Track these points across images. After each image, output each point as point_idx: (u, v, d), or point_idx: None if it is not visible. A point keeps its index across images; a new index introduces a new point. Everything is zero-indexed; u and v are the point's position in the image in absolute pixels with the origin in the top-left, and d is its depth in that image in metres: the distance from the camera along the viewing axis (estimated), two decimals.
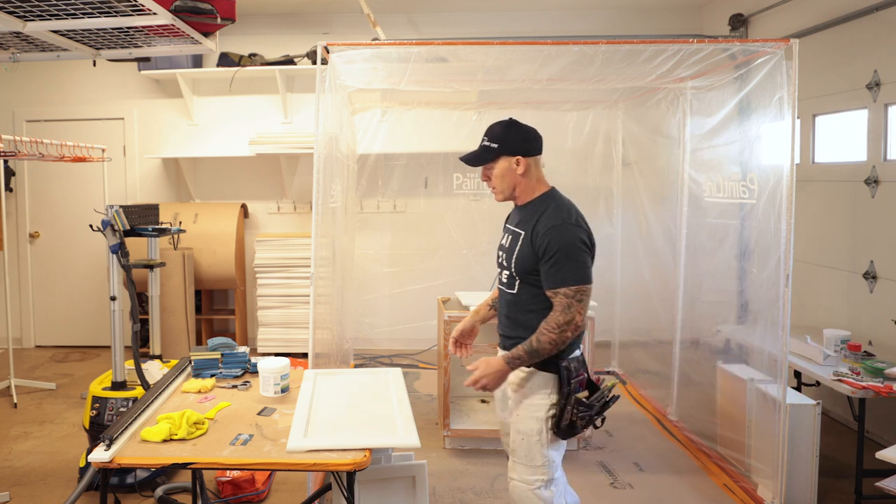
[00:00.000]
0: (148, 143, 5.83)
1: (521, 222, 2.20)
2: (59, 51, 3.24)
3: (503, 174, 2.19)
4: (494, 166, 2.20)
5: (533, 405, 2.16)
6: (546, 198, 2.20)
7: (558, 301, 2.04)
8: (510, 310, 2.23)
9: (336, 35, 5.63)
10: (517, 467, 2.21)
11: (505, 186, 2.21)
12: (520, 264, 2.15)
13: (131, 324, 3.19)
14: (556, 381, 2.15)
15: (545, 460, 2.16)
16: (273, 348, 5.33)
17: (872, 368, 3.06)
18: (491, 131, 2.22)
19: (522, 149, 2.18)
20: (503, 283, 2.26)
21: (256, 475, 3.16)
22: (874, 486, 2.30)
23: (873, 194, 3.77)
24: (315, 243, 3.00)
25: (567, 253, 2.04)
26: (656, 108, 4.34)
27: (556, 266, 2.04)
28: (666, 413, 4.19)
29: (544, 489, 2.17)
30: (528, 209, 2.21)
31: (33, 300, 5.92)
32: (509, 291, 2.22)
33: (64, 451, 3.72)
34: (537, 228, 2.11)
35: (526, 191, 2.22)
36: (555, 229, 2.07)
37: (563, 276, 2.04)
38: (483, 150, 2.21)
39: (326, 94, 3.09)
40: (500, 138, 2.18)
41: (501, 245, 2.28)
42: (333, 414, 2.15)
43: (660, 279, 4.41)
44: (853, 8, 3.81)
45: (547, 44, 3.05)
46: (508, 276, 2.21)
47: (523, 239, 2.15)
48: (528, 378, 2.19)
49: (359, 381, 2.50)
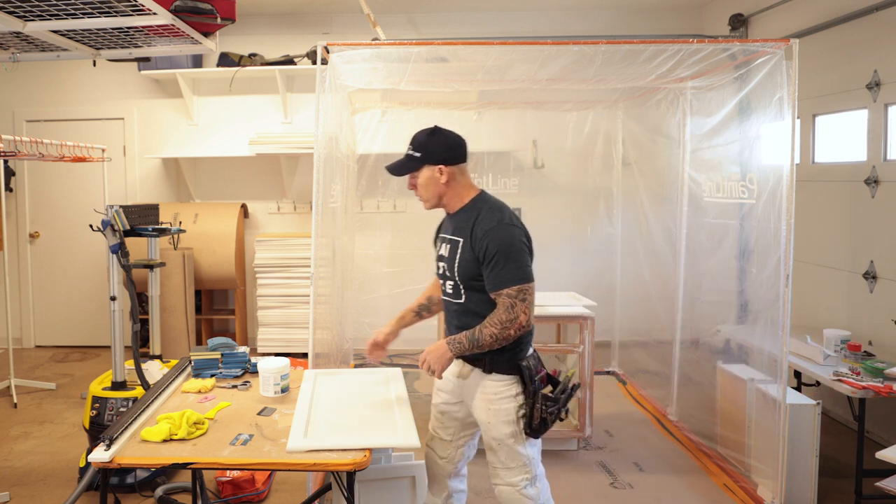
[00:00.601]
0: (148, 143, 5.83)
1: (456, 230, 2.18)
2: (59, 51, 3.24)
3: (427, 183, 2.18)
4: (419, 175, 2.19)
5: (502, 410, 2.16)
6: (477, 202, 2.19)
7: (502, 301, 2.05)
8: (460, 319, 2.20)
9: (336, 35, 5.63)
10: (499, 472, 2.20)
11: (431, 195, 2.20)
12: (463, 272, 2.14)
13: (131, 324, 3.18)
14: (519, 381, 2.15)
15: (525, 458, 2.18)
16: (273, 348, 5.33)
17: (872, 368, 3.06)
18: (415, 140, 2.20)
19: (444, 157, 2.16)
20: (448, 294, 2.23)
21: (256, 475, 3.16)
22: (874, 486, 2.30)
23: (873, 194, 3.77)
24: (315, 243, 3.00)
25: (506, 254, 2.04)
26: (656, 108, 4.34)
27: (496, 268, 2.05)
28: (666, 413, 4.19)
29: (530, 487, 2.19)
30: (461, 216, 2.19)
31: (33, 300, 5.92)
32: (456, 301, 2.20)
33: (64, 451, 3.72)
34: (475, 233, 2.10)
35: (454, 199, 2.20)
36: (492, 231, 2.07)
37: (505, 277, 2.04)
38: (407, 158, 2.20)
39: (326, 94, 3.09)
40: (422, 147, 2.17)
41: (440, 255, 2.25)
42: (333, 414, 2.15)
43: (660, 279, 4.41)
44: (853, 8, 3.81)
45: (547, 44, 3.05)
46: (453, 285, 2.18)
47: (462, 245, 2.14)
48: (489, 384, 2.17)
49: (359, 381, 2.50)
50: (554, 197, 5.52)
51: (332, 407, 2.22)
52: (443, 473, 2.37)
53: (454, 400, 2.31)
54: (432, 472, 2.40)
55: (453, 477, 2.39)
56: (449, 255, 2.18)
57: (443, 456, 2.36)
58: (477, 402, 2.21)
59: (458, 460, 2.37)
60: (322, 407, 2.21)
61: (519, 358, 2.15)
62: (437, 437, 2.38)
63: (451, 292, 2.21)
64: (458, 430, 2.35)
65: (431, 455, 2.39)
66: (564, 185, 5.48)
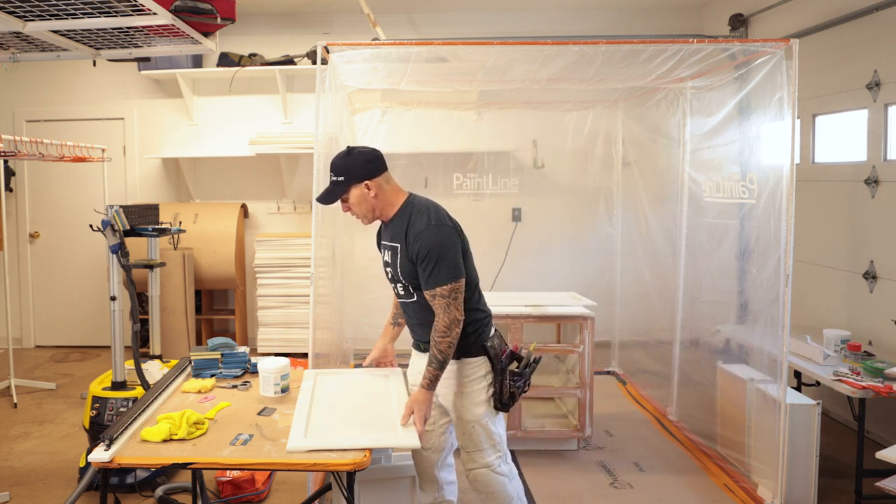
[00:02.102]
0: (148, 143, 5.83)
1: (394, 236, 2.27)
2: (59, 51, 3.24)
3: (359, 201, 2.25)
4: (349, 197, 2.25)
5: (473, 392, 2.28)
6: (407, 206, 2.27)
7: (437, 304, 2.15)
8: (419, 315, 2.30)
9: (336, 35, 5.62)
10: (472, 456, 2.31)
11: (366, 211, 2.27)
12: (405, 274, 2.24)
13: (131, 324, 3.19)
14: (487, 362, 2.28)
15: (497, 438, 2.31)
16: (273, 348, 5.33)
17: (872, 368, 3.06)
18: (334, 166, 2.27)
19: (366, 172, 2.23)
20: (401, 296, 2.34)
21: (256, 475, 3.16)
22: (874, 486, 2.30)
23: (873, 194, 3.77)
24: (315, 243, 3.00)
25: (438, 254, 2.14)
26: (656, 108, 4.34)
27: (427, 269, 2.15)
28: (666, 413, 4.19)
29: (503, 464, 2.32)
30: (396, 222, 2.28)
31: (33, 300, 5.92)
32: (410, 300, 2.30)
33: (64, 451, 3.72)
34: (408, 237, 2.20)
35: (386, 207, 2.28)
36: (422, 234, 2.16)
37: (437, 278, 2.14)
38: (333, 185, 2.26)
39: (326, 94, 3.09)
40: (343, 170, 2.23)
41: (385, 261, 2.34)
42: (333, 414, 2.15)
43: (660, 279, 4.41)
44: (853, 8, 3.81)
45: (547, 44, 3.05)
46: (403, 286, 2.29)
47: (401, 251, 2.23)
48: (459, 369, 2.28)
49: (359, 380, 2.50)
50: (554, 197, 5.52)
51: (332, 406, 2.22)
52: (429, 464, 2.43)
53: None
54: (420, 466, 2.44)
55: (441, 467, 2.45)
56: (391, 261, 2.29)
57: (427, 447, 2.41)
58: (447, 388, 2.31)
59: (442, 448, 2.44)
60: (322, 407, 2.21)
61: (483, 339, 2.29)
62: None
63: (403, 293, 2.32)
64: (437, 418, 2.42)
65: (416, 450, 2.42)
66: (564, 185, 5.47)
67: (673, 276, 4.17)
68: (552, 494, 3.17)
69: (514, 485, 2.36)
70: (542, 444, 3.64)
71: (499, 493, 2.31)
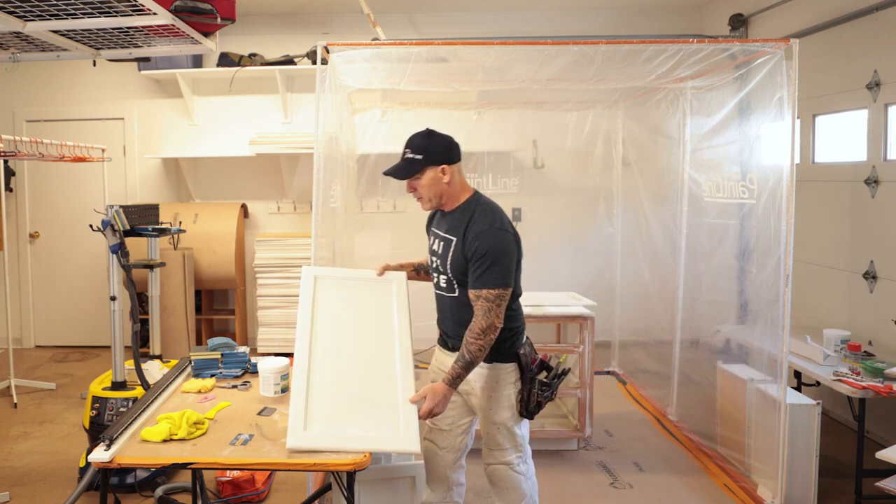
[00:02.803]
0: (148, 143, 5.83)
1: (451, 228, 2.25)
2: (59, 51, 3.24)
3: (430, 184, 2.23)
4: (422, 177, 2.23)
5: (502, 397, 2.28)
6: (472, 202, 2.26)
7: (479, 305, 2.12)
8: (454, 311, 2.28)
9: (336, 35, 5.63)
10: (494, 454, 2.33)
11: (433, 195, 2.25)
12: (455, 270, 2.22)
13: (131, 324, 3.19)
14: (517, 369, 2.28)
15: (520, 439, 2.33)
16: (273, 348, 5.33)
17: (872, 368, 3.06)
18: (413, 143, 2.25)
19: (446, 157, 2.22)
20: (442, 288, 2.32)
21: (256, 475, 3.16)
22: (874, 486, 2.30)
23: (873, 194, 3.77)
24: (315, 243, 3.00)
25: (494, 258, 2.12)
26: (656, 108, 4.34)
27: (480, 269, 2.12)
28: (666, 413, 4.19)
29: (522, 464, 2.35)
30: (456, 215, 2.26)
31: (33, 300, 5.92)
32: (450, 295, 2.28)
33: (64, 451, 3.72)
34: (467, 234, 2.18)
35: (452, 198, 2.27)
36: (482, 234, 2.14)
37: (486, 280, 2.12)
38: (408, 162, 2.23)
39: (326, 94, 3.09)
40: (423, 149, 2.21)
41: (433, 250, 2.32)
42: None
43: (660, 279, 4.41)
44: (853, 8, 3.81)
45: (547, 44, 3.05)
46: (446, 280, 2.27)
47: (455, 245, 2.21)
48: (491, 374, 2.28)
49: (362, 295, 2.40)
50: (554, 197, 5.52)
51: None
52: (444, 464, 2.41)
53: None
54: (432, 465, 2.42)
55: (454, 468, 2.43)
56: (442, 252, 2.26)
57: (443, 446, 2.40)
58: (477, 391, 2.30)
59: (458, 449, 2.42)
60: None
61: (516, 347, 2.28)
62: (437, 428, 2.41)
63: (445, 286, 2.30)
64: (457, 418, 2.40)
65: (431, 447, 2.42)
66: (564, 185, 5.47)
67: (673, 276, 4.17)
68: (552, 494, 3.17)
69: (530, 484, 2.37)
70: (542, 444, 3.64)
71: (513, 490, 2.34)
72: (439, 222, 2.33)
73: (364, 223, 5.46)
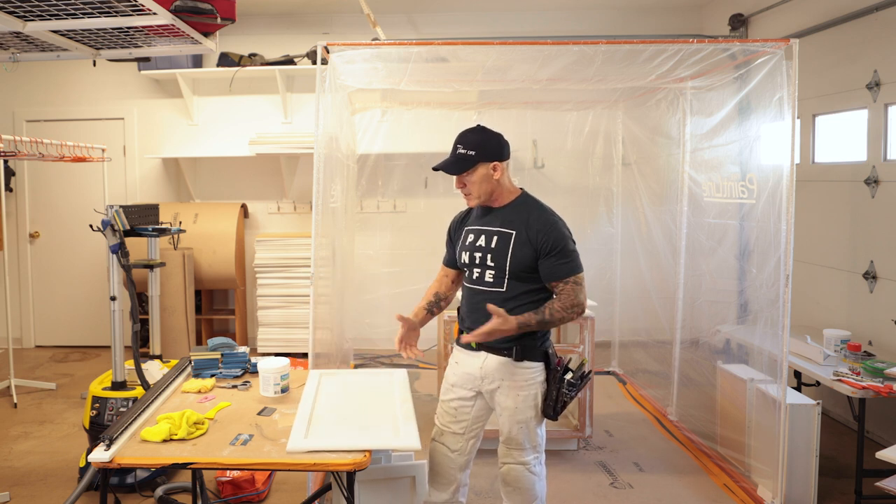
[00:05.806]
0: (148, 143, 5.83)
1: (506, 223, 2.28)
2: (59, 51, 3.24)
3: (482, 180, 2.27)
4: (473, 173, 2.26)
5: (530, 395, 2.30)
6: (526, 199, 2.35)
7: (569, 288, 2.20)
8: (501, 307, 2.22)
9: (336, 35, 5.63)
10: (511, 453, 2.35)
11: (483, 192, 2.29)
12: (517, 263, 2.24)
13: (131, 324, 3.19)
14: (543, 368, 2.31)
15: (539, 440, 2.36)
16: (273, 348, 5.33)
17: (872, 368, 3.06)
18: (465, 139, 2.28)
19: (498, 154, 2.28)
20: (487, 283, 2.29)
21: (256, 475, 3.16)
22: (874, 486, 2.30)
23: (873, 194, 3.77)
24: (315, 243, 3.00)
25: (565, 246, 2.23)
26: (656, 108, 4.34)
27: (560, 259, 2.21)
28: (666, 413, 4.19)
29: (538, 465, 2.37)
30: (509, 211, 2.31)
31: (33, 300, 5.92)
32: (495, 290, 2.28)
33: (64, 451, 3.72)
34: (532, 227, 2.24)
35: (503, 194, 2.33)
36: (552, 227, 2.24)
37: (569, 268, 2.22)
38: (460, 158, 2.27)
39: (326, 94, 3.09)
40: (476, 145, 2.26)
41: (477, 246, 2.31)
42: (335, 414, 2.15)
43: (660, 279, 4.41)
44: (853, 8, 3.81)
45: (547, 44, 3.05)
46: (495, 274, 2.28)
47: (516, 238, 2.25)
48: (519, 371, 2.29)
49: (364, 382, 2.50)
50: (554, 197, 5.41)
51: (334, 407, 2.21)
52: (454, 466, 2.42)
53: (471, 395, 2.39)
54: (441, 466, 2.43)
55: (463, 471, 2.45)
56: (496, 247, 2.27)
57: (455, 449, 2.42)
58: (504, 389, 2.31)
59: (469, 452, 2.44)
60: (325, 407, 2.20)
61: (546, 346, 2.31)
62: (449, 431, 2.42)
63: (491, 280, 2.29)
64: (472, 423, 2.42)
65: (441, 449, 2.43)
66: (564, 185, 5.47)
67: (673, 276, 4.17)
68: (552, 494, 3.17)
69: (542, 485, 2.39)
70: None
71: (527, 490, 2.35)
72: (482, 218, 2.35)
73: (364, 223, 5.47)
